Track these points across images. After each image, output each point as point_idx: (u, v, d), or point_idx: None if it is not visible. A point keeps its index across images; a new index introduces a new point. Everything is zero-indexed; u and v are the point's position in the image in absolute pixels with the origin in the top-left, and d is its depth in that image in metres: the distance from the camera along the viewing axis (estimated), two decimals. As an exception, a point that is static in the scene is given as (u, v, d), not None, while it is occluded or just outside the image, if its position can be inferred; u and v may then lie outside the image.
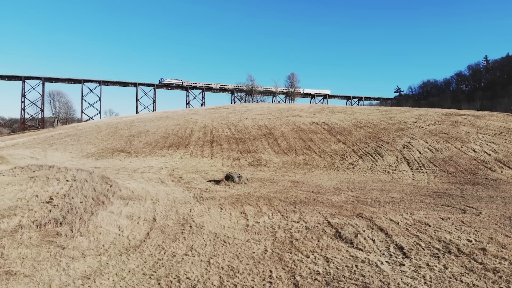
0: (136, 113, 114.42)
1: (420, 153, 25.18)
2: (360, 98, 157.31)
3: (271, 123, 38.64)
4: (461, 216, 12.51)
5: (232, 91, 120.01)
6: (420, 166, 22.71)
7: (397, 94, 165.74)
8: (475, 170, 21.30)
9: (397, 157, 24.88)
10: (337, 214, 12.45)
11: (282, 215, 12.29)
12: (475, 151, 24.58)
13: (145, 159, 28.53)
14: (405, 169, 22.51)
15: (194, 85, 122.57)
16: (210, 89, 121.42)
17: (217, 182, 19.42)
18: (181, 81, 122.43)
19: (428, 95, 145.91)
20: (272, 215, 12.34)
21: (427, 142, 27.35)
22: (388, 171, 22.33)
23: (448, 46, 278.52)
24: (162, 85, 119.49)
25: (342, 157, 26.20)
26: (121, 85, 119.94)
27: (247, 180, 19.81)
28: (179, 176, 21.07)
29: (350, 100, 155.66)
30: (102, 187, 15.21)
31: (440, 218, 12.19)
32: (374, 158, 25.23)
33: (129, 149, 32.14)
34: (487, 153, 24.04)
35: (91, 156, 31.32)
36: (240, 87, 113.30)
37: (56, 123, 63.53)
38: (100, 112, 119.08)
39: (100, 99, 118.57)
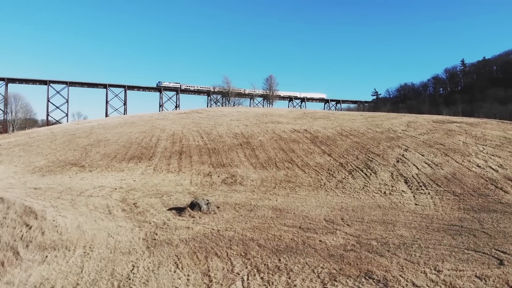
0: (106, 116, 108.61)
1: (418, 168, 22.06)
2: (337, 101, 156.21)
3: (248, 131, 34.96)
4: (500, 271, 9.19)
5: (208, 93, 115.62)
6: (421, 186, 19.53)
7: (375, 97, 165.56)
8: (485, 191, 18.26)
9: (392, 174, 21.66)
10: (338, 273, 8.88)
11: (262, 279, 8.62)
12: (479, 166, 21.66)
13: (100, 175, 24.27)
14: (403, 189, 19.27)
15: (167, 85, 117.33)
16: (185, 90, 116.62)
17: (180, 211, 15.56)
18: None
19: (406, 98, 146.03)
20: (248, 279, 8.64)
21: (423, 155, 24.32)
22: (385, 192, 19.03)
23: (425, 50, 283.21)
24: (134, 87, 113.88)
25: (329, 173, 22.80)
26: (90, 86, 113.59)
27: (218, 207, 16.02)
28: (133, 203, 17.06)
29: (328, 103, 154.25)
30: (15, 232, 11.12)
31: (476, 276, 8.84)
32: (366, 174, 21.93)
33: (84, 162, 27.74)
34: (493, 169, 21.15)
35: (38, 171, 26.76)
36: (216, 89, 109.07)
37: (12, 128, 57.64)
38: (67, 115, 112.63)
39: (67, 101, 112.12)
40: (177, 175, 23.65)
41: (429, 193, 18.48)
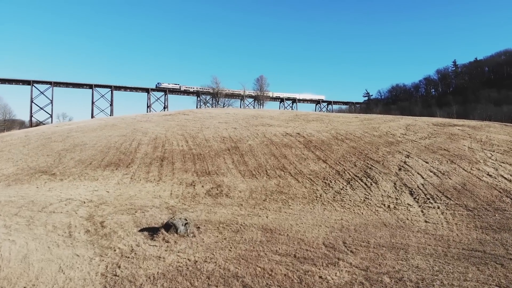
0: (92, 117, 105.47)
1: (423, 178, 20.02)
2: (329, 102, 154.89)
3: (237, 134, 32.66)
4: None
5: (197, 93, 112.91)
6: (428, 198, 17.45)
7: (366, 98, 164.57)
8: (501, 205, 16.24)
9: (395, 184, 19.57)
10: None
11: None
12: (490, 175, 19.69)
13: (71, 185, 21.77)
14: (409, 203, 17.17)
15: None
16: (173, 91, 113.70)
17: (153, 232, 13.23)
18: (179, 85, 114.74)
19: (397, 99, 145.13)
20: None
21: (427, 162, 22.30)
22: (389, 206, 16.91)
23: (416, 50, 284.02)
24: (121, 87, 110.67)
25: (325, 182, 20.64)
26: (75, 87, 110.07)
27: (198, 228, 13.72)
28: (100, 221, 14.67)
29: (319, 104, 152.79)
30: None
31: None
32: (366, 184, 19.81)
33: (55, 170, 25.17)
34: (506, 178, 19.19)
35: (4, 180, 24.10)
36: (206, 90, 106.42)
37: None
38: (51, 116, 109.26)
39: (51, 102, 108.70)
40: (157, 185, 21.27)
41: (438, 207, 16.40)
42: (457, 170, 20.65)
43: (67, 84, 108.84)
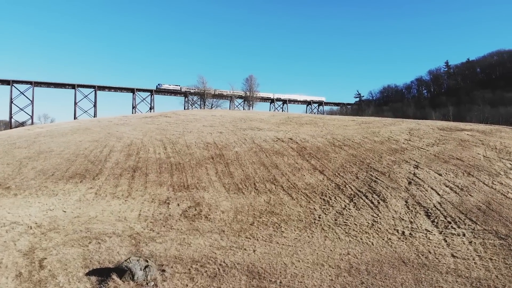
0: (74, 118, 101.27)
1: (439, 194, 17.05)
2: (320, 103, 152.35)
3: (222, 140, 29.42)
4: None
5: (185, 93, 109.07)
6: (450, 222, 14.46)
7: (358, 99, 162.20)
8: (540, 232, 13.31)
9: (406, 202, 16.57)
10: None
11: None
12: (517, 192, 16.81)
13: (24, 202, 18.31)
14: (427, 228, 14.17)
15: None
16: (159, 91, 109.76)
17: (102, 278, 9.97)
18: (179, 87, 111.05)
19: (389, 100, 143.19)
20: None
21: (440, 174, 19.37)
22: (403, 232, 13.87)
23: (407, 51, 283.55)
24: (105, 87, 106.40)
25: (324, 199, 17.56)
26: (57, 87, 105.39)
27: (163, 271, 10.48)
28: (40, 259, 11.36)
29: (310, 105, 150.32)
30: None
31: None
32: (372, 202, 16.78)
33: (11, 182, 21.66)
34: (536, 195, 16.32)
35: None
36: (193, 90, 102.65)
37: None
38: (32, 117, 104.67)
39: (32, 103, 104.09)
40: (124, 202, 17.95)
41: (464, 234, 13.42)
42: (477, 185, 17.74)
43: (48, 84, 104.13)
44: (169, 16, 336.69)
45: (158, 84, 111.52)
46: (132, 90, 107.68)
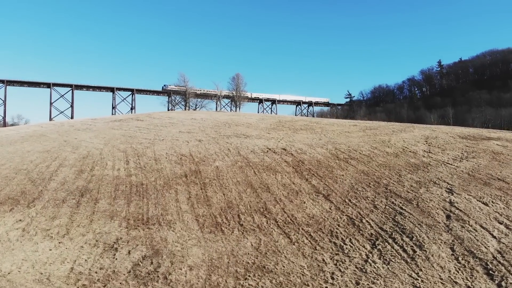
0: (50, 119, 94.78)
1: (494, 236, 12.20)
2: (310, 104, 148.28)
3: (201, 151, 24.22)
4: None
5: (168, 93, 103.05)
6: (529, 289, 9.58)
7: (348, 99, 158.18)
8: None
9: (453, 250, 11.66)
10: None
11: None
12: None
13: None
14: (500, 302, 9.26)
15: (173, 89, 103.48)
16: (141, 91, 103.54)
17: None
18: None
19: (380, 100, 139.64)
20: None
21: (485, 204, 14.54)
22: (467, 312, 8.93)
23: (398, 50, 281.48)
24: (83, 86, 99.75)
25: (335, 243, 12.58)
26: (31, 86, 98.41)
27: None
28: None
29: (300, 106, 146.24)
30: None
31: None
32: (403, 250, 11.84)
33: None
34: None
35: None
36: (176, 89, 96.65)
37: None
38: (4, 118, 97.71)
39: (4, 103, 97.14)
40: (57, 246, 12.67)
41: None
42: (544, 222, 12.96)
43: (21, 83, 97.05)
44: (151, 11, 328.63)
45: (164, 85, 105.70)
46: (112, 89, 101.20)
